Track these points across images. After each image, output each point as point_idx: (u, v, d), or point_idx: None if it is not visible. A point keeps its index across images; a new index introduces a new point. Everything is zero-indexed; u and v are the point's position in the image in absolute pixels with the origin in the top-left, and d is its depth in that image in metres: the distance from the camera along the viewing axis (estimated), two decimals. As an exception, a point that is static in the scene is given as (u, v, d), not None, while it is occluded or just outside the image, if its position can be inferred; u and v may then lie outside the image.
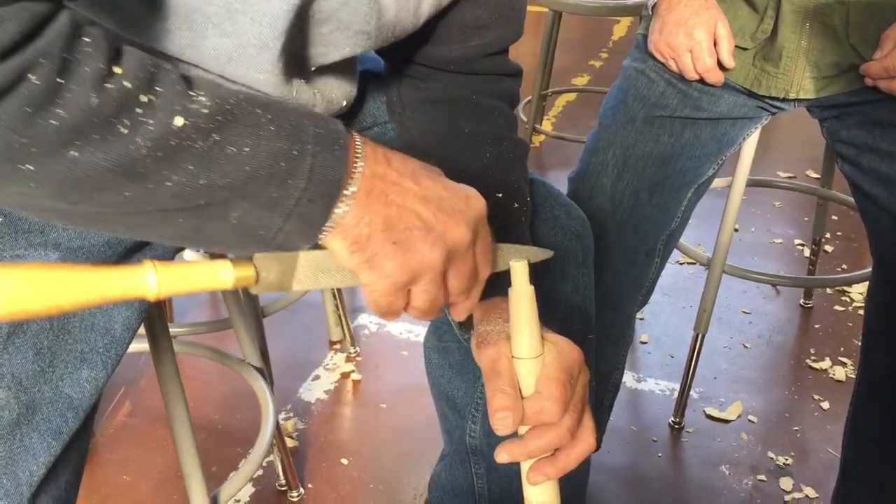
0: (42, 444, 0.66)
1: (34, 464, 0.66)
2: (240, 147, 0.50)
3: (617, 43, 3.43)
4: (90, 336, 0.69)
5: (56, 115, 0.44)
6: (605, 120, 1.23)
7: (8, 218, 0.67)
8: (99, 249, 0.70)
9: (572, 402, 0.66)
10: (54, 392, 0.67)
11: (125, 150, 0.47)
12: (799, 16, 1.09)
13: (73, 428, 0.68)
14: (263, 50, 0.63)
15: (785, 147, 2.60)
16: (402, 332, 1.78)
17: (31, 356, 0.66)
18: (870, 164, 1.13)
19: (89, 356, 0.69)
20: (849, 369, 1.69)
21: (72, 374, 0.68)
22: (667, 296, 1.91)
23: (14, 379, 0.65)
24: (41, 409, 0.66)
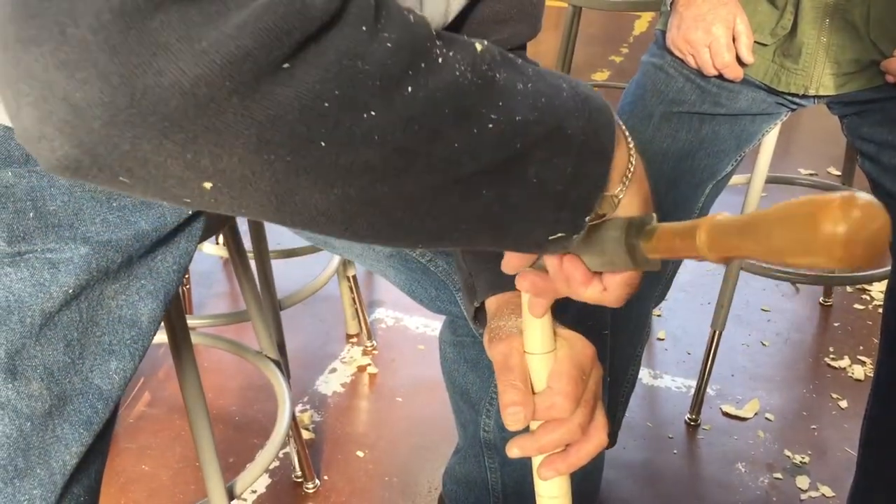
0: (74, 434, 0.67)
1: (66, 454, 0.67)
2: (525, 83, 0.46)
3: (638, 38, 3.42)
4: (118, 328, 0.70)
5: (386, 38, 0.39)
6: (622, 115, 1.22)
7: (38, 212, 0.68)
8: (127, 243, 0.71)
9: (584, 398, 0.66)
10: (84, 383, 0.68)
11: (453, 78, 0.43)
12: (819, 12, 1.08)
13: (104, 418, 0.69)
14: None
15: (806, 145, 2.58)
16: (419, 327, 1.78)
17: (62, 348, 0.67)
18: (890, 160, 1.12)
19: (117, 348, 0.70)
20: (868, 368, 1.67)
21: (101, 366, 0.69)
22: (685, 293, 1.90)
23: (46, 370, 0.66)
24: (72, 400, 0.67)
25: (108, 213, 0.70)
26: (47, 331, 0.66)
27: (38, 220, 0.68)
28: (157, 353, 1.66)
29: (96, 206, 0.70)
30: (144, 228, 0.72)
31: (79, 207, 0.69)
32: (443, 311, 0.98)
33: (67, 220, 0.69)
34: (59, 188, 0.69)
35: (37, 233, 0.68)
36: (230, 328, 1.60)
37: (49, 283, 0.67)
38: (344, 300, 1.72)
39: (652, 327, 1.77)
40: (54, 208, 0.68)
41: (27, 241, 0.67)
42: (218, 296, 1.89)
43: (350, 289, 1.69)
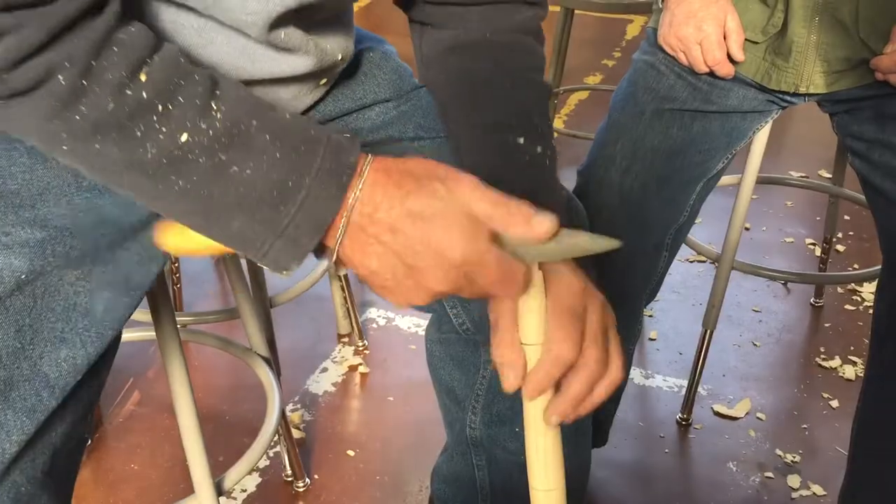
0: (16, 421, 0.66)
1: (6, 441, 0.66)
2: (242, 169, 0.56)
3: (630, 42, 3.43)
4: (71, 315, 0.69)
5: (80, 111, 0.52)
6: (614, 113, 1.23)
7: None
8: (89, 228, 0.70)
9: (588, 334, 0.65)
10: (32, 370, 0.67)
11: (137, 152, 0.54)
12: (809, 10, 1.09)
13: (49, 407, 0.68)
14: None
15: (797, 147, 2.59)
16: (410, 326, 1.78)
17: (13, 333, 0.66)
18: (880, 158, 1.12)
19: (69, 336, 0.69)
20: (858, 368, 1.68)
21: (50, 353, 0.68)
22: (676, 293, 1.90)
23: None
24: (18, 387, 0.66)
25: (75, 195, 0.69)
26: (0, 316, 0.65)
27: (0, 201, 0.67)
28: (148, 351, 1.65)
29: (63, 185, 0.69)
30: (109, 212, 0.71)
31: (43, 187, 0.68)
32: (427, 308, 0.97)
33: (29, 200, 0.68)
34: (20, 166, 0.68)
35: None
36: (220, 326, 1.59)
37: (1, 265, 0.66)
38: (335, 300, 1.71)
39: (643, 327, 1.77)
40: (15, 187, 0.67)
41: None
42: (209, 295, 1.88)
43: (341, 288, 1.68)
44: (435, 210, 0.58)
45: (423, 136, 0.89)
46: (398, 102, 0.91)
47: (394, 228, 0.58)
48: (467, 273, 0.59)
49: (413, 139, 0.89)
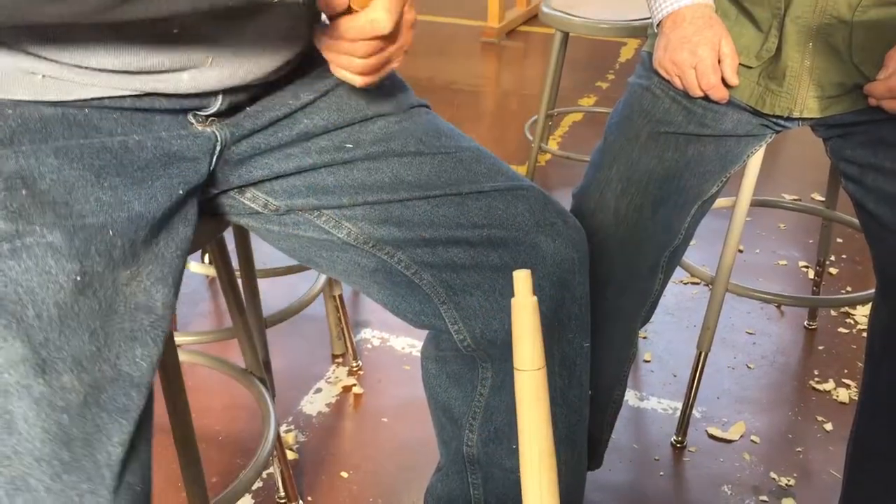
0: (113, 424, 0.67)
1: (109, 444, 0.67)
2: None
3: (624, 65, 3.45)
4: (136, 315, 0.71)
5: None
6: (609, 136, 1.23)
7: (30, 190, 0.69)
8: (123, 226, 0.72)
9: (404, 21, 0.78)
10: (114, 370, 0.68)
11: None
12: (802, 35, 1.10)
13: (140, 406, 0.69)
14: None
15: (790, 170, 2.61)
16: (405, 347, 1.78)
17: (87, 338, 0.67)
18: (873, 182, 1.13)
19: (139, 334, 0.71)
20: (852, 391, 1.68)
21: (126, 353, 0.69)
22: (670, 315, 1.91)
23: (75, 361, 0.66)
24: (105, 389, 0.67)
25: (101, 192, 0.72)
26: (69, 321, 0.66)
27: (32, 198, 0.68)
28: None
29: (87, 185, 0.71)
30: (138, 210, 0.74)
31: (70, 186, 0.70)
32: (427, 325, 0.98)
33: (62, 198, 0.70)
34: (48, 166, 0.70)
35: (33, 209, 0.68)
36: (214, 346, 1.59)
37: (55, 270, 0.67)
38: (330, 320, 1.71)
39: (638, 349, 1.78)
40: (45, 187, 0.69)
41: (25, 217, 0.67)
42: (203, 315, 1.88)
43: (336, 308, 1.68)
44: None
45: (423, 152, 0.91)
46: (400, 117, 0.93)
47: None
48: None
49: (414, 154, 0.91)
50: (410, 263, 0.91)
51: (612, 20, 2.09)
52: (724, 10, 1.17)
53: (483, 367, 0.96)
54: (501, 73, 3.52)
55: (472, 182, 0.91)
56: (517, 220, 0.90)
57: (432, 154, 0.92)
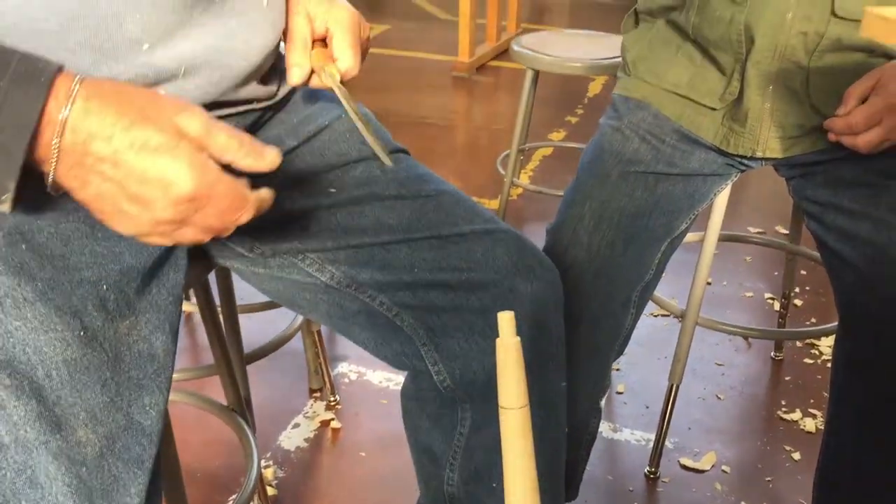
0: (129, 474, 0.69)
1: (126, 495, 0.68)
2: None
3: (592, 100, 3.53)
4: (140, 362, 0.72)
5: None
6: (582, 174, 1.27)
7: (29, 244, 0.70)
8: (117, 279, 0.74)
9: None
10: (127, 419, 0.70)
11: None
12: (763, 79, 1.15)
13: (152, 455, 0.71)
14: None
15: (755, 203, 2.68)
16: (382, 381, 1.79)
17: (99, 389, 0.69)
18: (834, 221, 1.18)
19: (145, 382, 0.72)
20: (818, 421, 1.72)
21: (136, 401, 0.71)
22: (642, 347, 1.95)
23: (89, 415, 0.68)
24: (120, 438, 0.69)
25: (95, 245, 0.73)
26: (80, 376, 0.68)
27: (32, 252, 0.70)
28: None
29: (82, 237, 0.73)
30: (129, 262, 0.75)
31: (67, 238, 0.72)
32: (407, 366, 1.00)
33: (59, 251, 0.71)
34: (45, 219, 0.72)
35: (33, 263, 0.70)
36: (191, 383, 1.60)
37: (59, 327, 0.68)
38: (307, 355, 1.73)
39: (611, 381, 1.81)
40: (43, 240, 0.71)
41: (26, 272, 0.69)
42: (179, 350, 1.88)
43: (314, 343, 1.70)
44: (161, 141, 0.59)
45: (404, 196, 0.94)
46: (380, 161, 0.95)
47: (116, 161, 0.59)
48: (196, 203, 0.61)
49: (395, 197, 0.93)
50: (392, 306, 0.93)
51: (581, 58, 2.15)
52: (689, 54, 1.22)
53: (463, 407, 0.98)
54: (472, 107, 3.57)
55: (452, 225, 0.94)
56: (495, 264, 0.93)
57: (412, 198, 0.94)
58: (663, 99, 1.24)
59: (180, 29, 0.76)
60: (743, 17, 1.12)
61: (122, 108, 0.61)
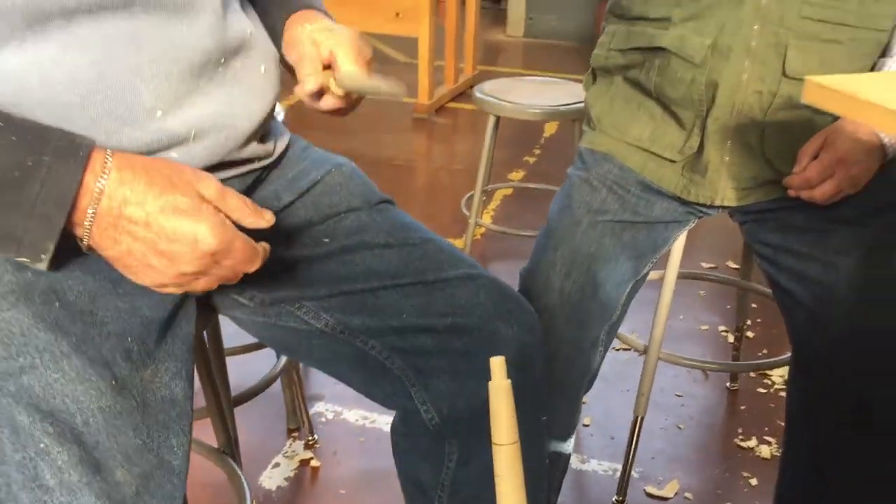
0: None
1: None
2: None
3: (549, 139, 3.65)
4: (164, 407, 0.78)
5: None
6: (553, 222, 1.36)
7: (62, 302, 0.76)
8: (139, 332, 0.80)
9: None
10: (158, 459, 0.76)
11: None
12: (721, 135, 1.25)
13: (181, 494, 0.77)
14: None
15: (708, 240, 2.80)
16: (358, 419, 1.85)
17: (132, 433, 0.75)
18: (785, 262, 1.28)
19: (170, 425, 0.79)
20: (773, 447, 1.82)
21: (165, 442, 0.77)
22: (605, 381, 2.03)
23: (124, 457, 0.73)
24: (153, 477, 0.75)
25: (118, 301, 0.79)
26: (114, 421, 0.74)
27: (64, 309, 0.76)
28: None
29: (106, 294, 0.79)
30: (148, 315, 0.82)
31: (93, 295, 0.78)
32: (397, 406, 1.07)
33: (87, 307, 0.77)
34: (75, 279, 0.78)
35: (67, 320, 0.76)
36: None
37: (94, 378, 0.74)
38: (285, 395, 1.77)
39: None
40: (73, 298, 0.77)
41: (61, 328, 0.75)
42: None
43: (291, 384, 1.74)
44: (187, 204, 0.70)
45: (392, 244, 1.01)
46: (369, 211, 1.03)
47: (148, 223, 0.69)
48: (217, 257, 0.72)
49: (384, 246, 1.01)
50: (383, 349, 1.00)
51: (540, 104, 2.25)
52: (650, 110, 1.32)
53: (450, 442, 1.05)
54: (433, 148, 3.67)
55: (437, 271, 1.01)
56: (478, 309, 1.00)
57: (399, 246, 1.02)
58: (627, 152, 1.34)
59: (189, 97, 0.83)
60: (703, 77, 1.22)
61: (151, 177, 0.69)
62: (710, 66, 1.21)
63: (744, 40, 1.18)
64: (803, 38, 1.17)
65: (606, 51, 1.35)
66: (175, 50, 0.80)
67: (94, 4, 0.74)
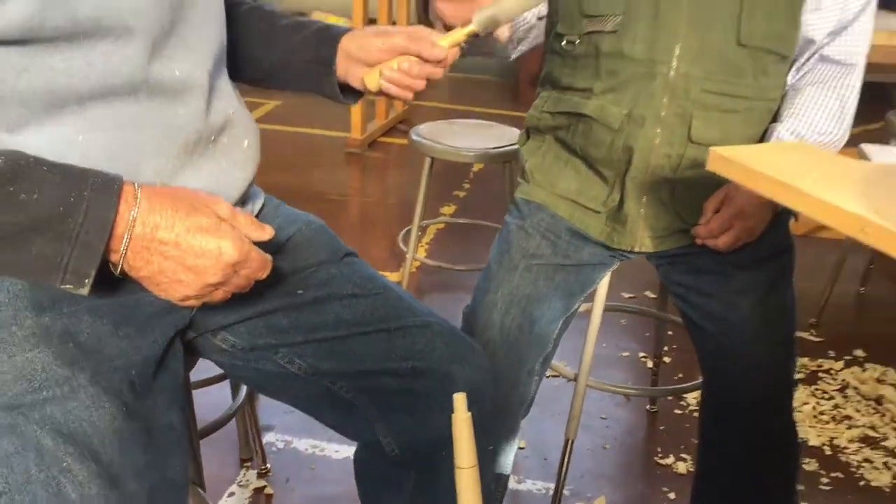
0: None
1: None
2: (30, 194, 0.74)
3: (477, 174, 3.82)
4: (164, 432, 0.91)
5: None
6: (493, 266, 1.51)
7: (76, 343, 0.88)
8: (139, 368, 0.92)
9: None
10: (162, 475, 0.88)
11: None
12: (638, 191, 1.43)
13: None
14: None
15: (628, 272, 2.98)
16: (308, 448, 1.95)
17: (140, 452, 0.87)
18: (695, 300, 1.47)
19: (171, 447, 0.91)
20: (689, 464, 2.01)
21: (167, 462, 0.90)
22: (538, 406, 2.18)
23: (136, 472, 0.85)
24: (160, 491, 0.87)
25: (120, 341, 0.92)
26: (126, 442, 0.86)
27: (77, 348, 0.88)
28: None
29: (110, 336, 0.91)
30: (146, 353, 0.95)
31: (99, 336, 0.91)
32: (362, 438, 1.20)
33: (95, 347, 0.90)
34: (84, 323, 0.90)
35: (81, 358, 0.88)
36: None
37: (108, 405, 0.86)
38: (238, 426, 1.87)
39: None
40: (83, 339, 0.89)
41: (77, 364, 0.87)
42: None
43: (244, 415, 1.84)
44: (210, 223, 0.83)
45: (358, 294, 1.14)
46: (337, 264, 1.16)
47: (178, 243, 0.81)
48: (237, 267, 0.85)
49: (351, 296, 1.13)
50: (350, 390, 1.13)
51: (472, 147, 2.43)
52: (577, 167, 1.49)
53: (409, 471, 1.18)
54: (366, 182, 3.80)
55: (397, 319, 1.14)
56: (435, 353, 1.13)
57: (364, 295, 1.15)
58: (557, 203, 1.50)
59: (183, 171, 0.95)
60: (621, 141, 1.39)
61: (175, 203, 0.82)
62: (627, 132, 1.38)
63: (655, 111, 1.36)
64: (705, 109, 1.35)
65: (539, 112, 1.52)
66: (172, 130, 0.93)
67: (105, 91, 0.86)
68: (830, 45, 1.37)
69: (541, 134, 1.54)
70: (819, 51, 1.38)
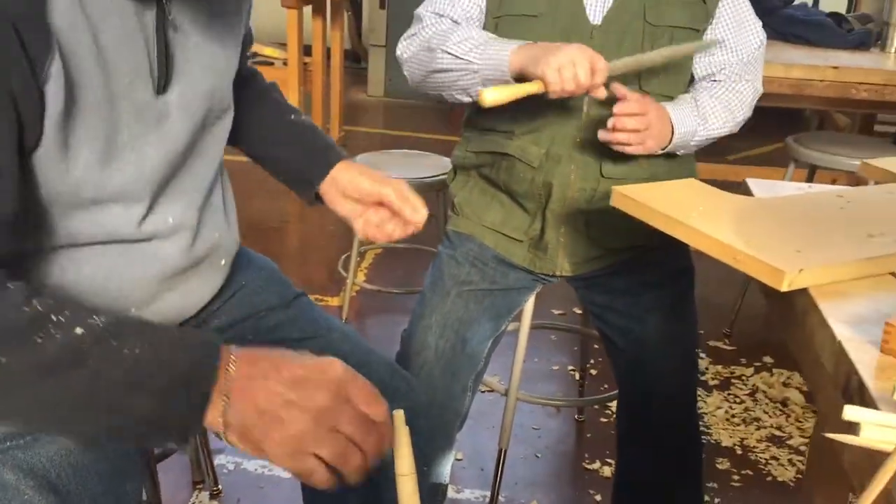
0: None
1: None
2: (132, 349, 0.75)
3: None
4: (120, 459, 0.99)
5: None
6: (427, 292, 1.65)
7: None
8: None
9: None
10: (118, 500, 0.97)
11: (41, 355, 0.72)
12: (557, 221, 1.58)
13: None
14: None
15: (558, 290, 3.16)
16: (257, 469, 2.06)
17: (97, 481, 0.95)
18: (610, 318, 1.63)
19: (127, 472, 1.00)
20: (613, 468, 2.17)
21: (121, 488, 0.98)
22: (473, 419, 2.33)
23: (91, 499, 0.94)
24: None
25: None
26: (82, 473, 0.95)
27: None
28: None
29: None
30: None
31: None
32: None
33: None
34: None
35: None
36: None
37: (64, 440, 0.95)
38: (189, 450, 1.96)
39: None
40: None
41: None
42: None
43: (197, 439, 1.94)
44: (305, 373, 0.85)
45: (306, 336, 1.25)
46: (286, 309, 1.27)
47: (277, 367, 0.81)
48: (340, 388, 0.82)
49: (299, 339, 1.24)
50: None
51: (410, 177, 2.56)
52: (501, 200, 1.64)
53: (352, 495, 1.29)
54: (305, 210, 3.90)
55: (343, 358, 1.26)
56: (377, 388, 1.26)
57: (311, 337, 1.25)
58: (484, 233, 1.65)
59: (158, 296, 1.06)
60: (541, 178, 1.55)
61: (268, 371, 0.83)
62: (546, 169, 1.54)
63: (569, 150, 1.52)
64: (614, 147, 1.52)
65: (464, 152, 1.66)
66: (157, 264, 1.04)
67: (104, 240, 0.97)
68: (718, 73, 1.56)
69: (467, 171, 1.69)
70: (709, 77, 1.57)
